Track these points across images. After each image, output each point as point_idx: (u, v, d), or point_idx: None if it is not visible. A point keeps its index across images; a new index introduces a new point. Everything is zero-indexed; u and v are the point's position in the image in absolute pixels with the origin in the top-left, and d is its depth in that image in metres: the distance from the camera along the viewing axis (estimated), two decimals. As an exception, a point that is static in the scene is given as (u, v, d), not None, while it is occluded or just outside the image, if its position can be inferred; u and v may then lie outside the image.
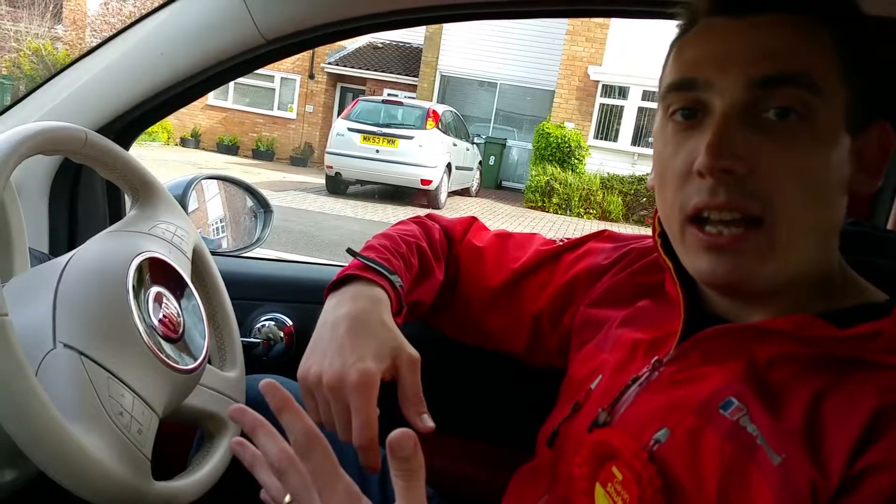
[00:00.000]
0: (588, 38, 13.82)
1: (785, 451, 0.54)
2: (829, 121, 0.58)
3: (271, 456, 0.53)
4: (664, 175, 0.64)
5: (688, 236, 0.62)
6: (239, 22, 0.97)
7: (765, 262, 0.59)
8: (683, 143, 0.61)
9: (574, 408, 0.72)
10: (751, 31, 0.59)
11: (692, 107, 0.61)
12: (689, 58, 0.62)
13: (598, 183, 12.48)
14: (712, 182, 0.58)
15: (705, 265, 0.60)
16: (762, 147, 0.57)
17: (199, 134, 17.28)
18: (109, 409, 0.64)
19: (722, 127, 0.57)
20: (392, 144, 10.72)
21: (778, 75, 0.57)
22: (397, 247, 0.89)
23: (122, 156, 0.82)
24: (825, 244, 0.62)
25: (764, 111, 0.58)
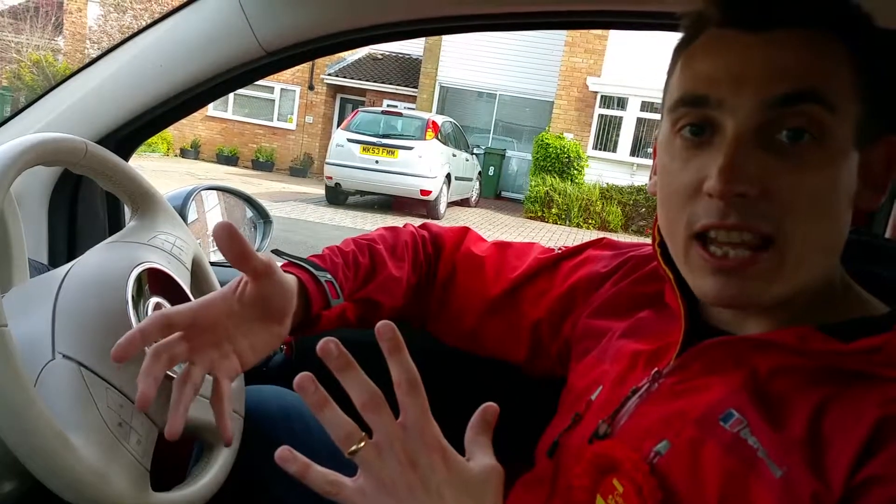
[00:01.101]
0: (587, 49, 13.87)
1: (786, 463, 0.54)
2: (841, 139, 0.57)
3: (365, 394, 0.52)
4: (670, 189, 0.63)
5: (692, 256, 0.61)
6: (238, 34, 0.97)
7: (773, 284, 0.58)
8: (691, 161, 0.60)
9: (574, 419, 0.72)
10: (766, 48, 0.57)
11: (701, 123, 0.60)
12: (700, 72, 0.61)
13: (598, 193, 12.50)
14: (722, 204, 0.57)
15: (711, 287, 0.60)
16: (774, 169, 0.56)
17: (198, 145, 17.31)
18: (108, 420, 0.64)
19: (734, 150, 0.56)
20: (392, 155, 10.74)
21: (793, 94, 0.56)
22: (343, 247, 0.90)
23: (122, 167, 0.83)
24: (830, 259, 0.62)
25: (777, 132, 0.57)
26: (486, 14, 1.02)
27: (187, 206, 1.14)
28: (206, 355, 0.69)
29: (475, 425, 0.56)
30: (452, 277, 0.98)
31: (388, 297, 0.92)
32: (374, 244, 0.92)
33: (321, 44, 0.99)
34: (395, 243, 0.95)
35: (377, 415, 0.51)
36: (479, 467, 0.54)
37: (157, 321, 0.65)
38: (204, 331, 0.68)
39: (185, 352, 0.67)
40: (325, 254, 0.88)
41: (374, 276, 0.91)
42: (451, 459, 0.53)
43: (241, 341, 0.72)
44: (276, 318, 0.75)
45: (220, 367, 0.70)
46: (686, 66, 0.63)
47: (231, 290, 0.72)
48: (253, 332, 0.73)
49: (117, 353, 0.62)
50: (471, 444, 0.55)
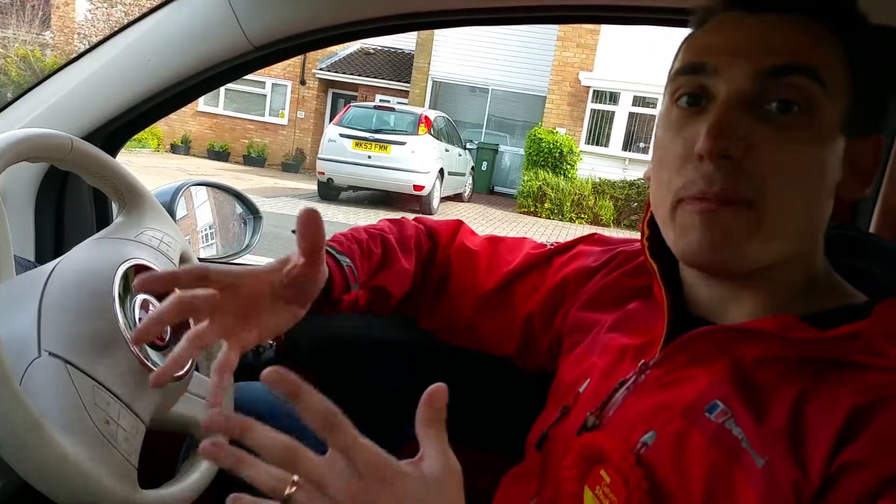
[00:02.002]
0: (579, 43, 13.87)
1: (769, 453, 0.54)
2: (829, 119, 0.59)
3: (275, 449, 0.47)
4: (663, 159, 0.64)
5: (679, 215, 0.62)
6: (226, 28, 0.96)
7: (750, 240, 0.59)
8: (685, 128, 0.62)
9: (563, 411, 0.73)
10: (764, 27, 0.60)
11: (697, 93, 0.62)
12: (699, 44, 0.64)
13: (590, 188, 12.52)
14: (710, 167, 0.58)
15: (694, 237, 0.60)
16: (760, 132, 0.58)
17: (189, 140, 17.23)
18: (95, 417, 0.64)
19: (724, 111, 0.58)
20: (384, 150, 10.72)
21: (785, 65, 0.58)
22: (357, 235, 0.90)
23: (109, 163, 0.82)
24: (809, 240, 0.63)
25: (767, 103, 0.58)
26: (475, 8, 1.02)
27: (176, 202, 1.14)
28: (225, 319, 0.66)
29: (423, 418, 0.51)
30: (447, 271, 0.99)
31: (398, 287, 0.94)
32: (384, 234, 0.94)
33: (309, 38, 0.98)
34: (402, 236, 0.96)
35: (296, 467, 0.47)
36: (430, 476, 0.49)
37: (196, 269, 0.64)
38: (237, 297, 0.67)
39: (207, 308, 0.65)
40: (340, 239, 0.88)
41: (387, 266, 0.92)
42: (394, 483, 0.48)
43: (268, 318, 0.71)
44: (302, 300, 0.74)
45: (236, 336, 0.68)
46: (688, 45, 0.66)
47: (279, 267, 0.71)
48: (279, 310, 0.72)
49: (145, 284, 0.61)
50: (422, 441, 0.51)
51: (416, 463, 0.50)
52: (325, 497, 0.47)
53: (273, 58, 1.01)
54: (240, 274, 0.68)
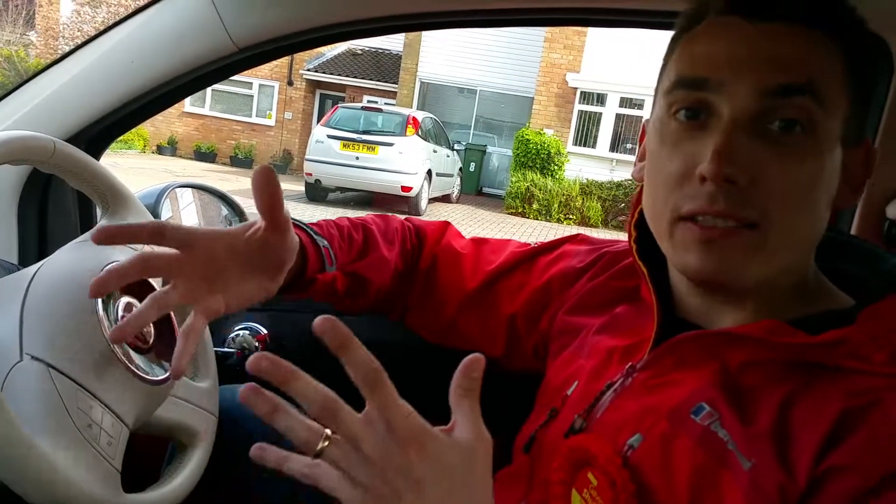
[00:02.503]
0: (566, 45, 13.91)
1: (754, 455, 0.55)
2: (829, 135, 0.59)
3: (317, 400, 0.47)
4: (658, 173, 0.63)
5: (678, 232, 0.61)
6: (210, 30, 0.96)
7: (752, 261, 0.59)
8: (683, 144, 0.61)
9: (551, 414, 0.73)
10: (767, 37, 0.59)
11: (697, 107, 0.61)
12: (700, 54, 0.61)
13: (578, 189, 12.56)
14: (713, 188, 0.58)
15: (695, 260, 0.60)
16: (765, 157, 0.57)
17: (175, 141, 17.12)
18: (78, 421, 0.63)
19: (730, 134, 0.57)
20: (372, 151, 10.71)
21: (791, 85, 0.57)
22: (339, 222, 0.91)
23: (92, 165, 0.81)
24: (806, 253, 0.63)
25: (770, 122, 0.58)
26: (460, 10, 1.02)
27: (160, 205, 1.13)
28: (189, 283, 0.65)
29: (458, 387, 0.51)
30: (432, 270, 0.99)
31: (378, 275, 0.93)
32: (367, 224, 0.94)
33: (294, 40, 0.98)
34: (386, 228, 0.96)
35: (335, 420, 0.47)
36: (462, 443, 0.50)
37: (150, 225, 0.64)
38: (198, 259, 0.66)
39: (166, 267, 0.64)
40: (322, 223, 0.88)
41: (367, 253, 0.92)
42: (427, 447, 0.48)
43: (233, 284, 0.69)
44: (271, 272, 0.73)
45: (201, 301, 0.66)
46: (686, 50, 0.63)
47: (241, 230, 0.69)
48: (248, 277, 0.70)
49: (100, 234, 0.61)
50: (455, 410, 0.51)
51: (447, 430, 0.51)
52: (359, 454, 0.47)
53: (258, 59, 1.01)
54: (198, 232, 0.66)
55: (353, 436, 0.47)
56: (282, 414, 0.48)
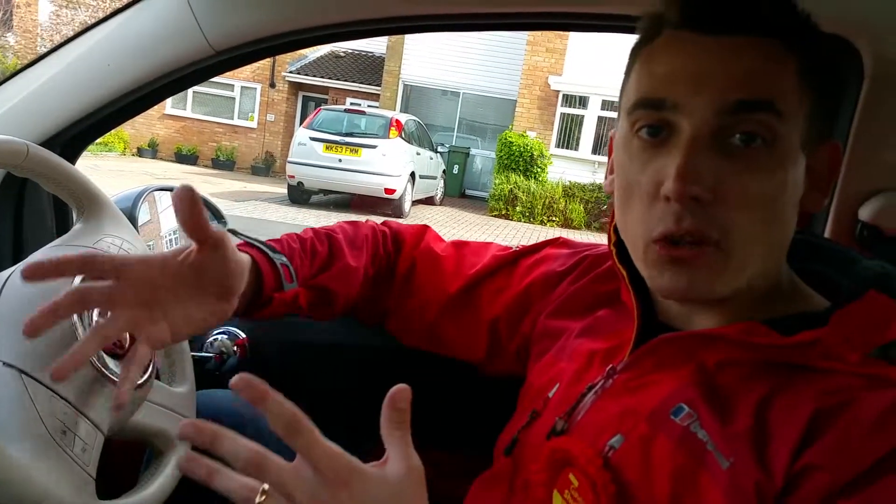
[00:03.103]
0: (548, 48, 13.98)
1: (733, 455, 0.55)
2: (790, 144, 0.59)
3: (243, 457, 0.48)
4: (630, 192, 0.64)
5: (650, 254, 0.62)
6: (187, 33, 0.95)
7: (718, 278, 0.60)
8: (650, 162, 0.61)
9: (532, 416, 0.73)
10: (723, 53, 0.59)
11: (658, 124, 0.61)
12: (657, 73, 0.62)
13: (561, 191, 12.62)
14: (678, 208, 0.58)
15: (667, 281, 0.61)
16: (727, 172, 0.58)
17: (156, 144, 16.99)
18: (51, 428, 0.63)
19: (691, 153, 0.58)
20: (355, 154, 10.68)
21: (749, 101, 0.58)
22: (302, 235, 0.90)
23: (66, 169, 0.81)
24: (776, 258, 0.64)
25: (730, 136, 0.58)
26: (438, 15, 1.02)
27: (137, 208, 1.12)
28: (128, 311, 0.63)
29: (386, 420, 0.52)
30: (412, 273, 0.98)
31: (344, 286, 0.92)
32: (333, 234, 0.93)
33: (271, 43, 0.97)
34: (354, 235, 0.95)
35: (263, 474, 0.48)
36: (390, 478, 0.51)
37: (79, 257, 0.61)
38: (133, 285, 0.64)
39: (102, 298, 0.63)
40: (283, 239, 0.87)
41: (331, 265, 0.90)
42: (355, 486, 0.49)
43: (175, 310, 0.67)
44: (221, 295, 0.71)
45: (143, 329, 0.65)
46: (644, 68, 0.64)
47: (174, 253, 0.68)
48: (191, 303, 0.69)
49: (27, 272, 0.59)
50: (386, 442, 0.52)
51: (380, 465, 0.51)
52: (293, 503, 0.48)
53: (235, 62, 1.00)
54: (128, 260, 0.65)
55: (284, 486, 0.48)
56: (218, 476, 0.48)
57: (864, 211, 0.93)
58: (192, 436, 0.49)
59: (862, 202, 0.93)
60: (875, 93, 0.90)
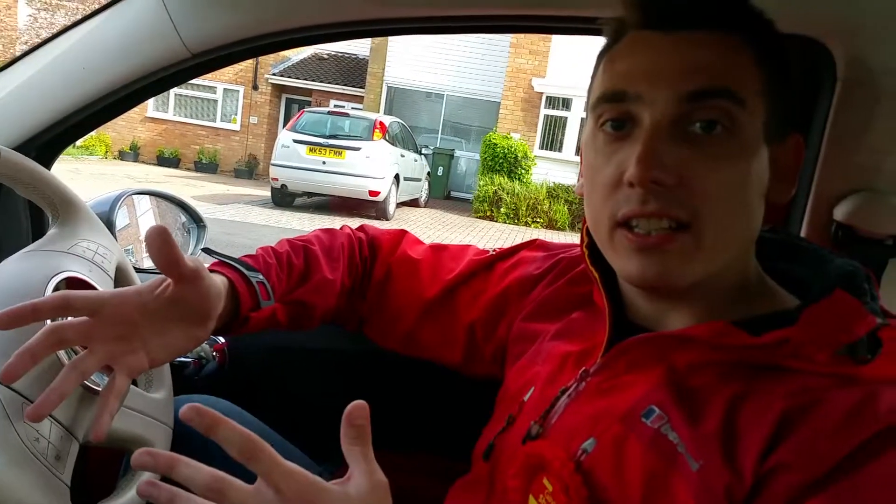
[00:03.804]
0: (531, 50, 14.03)
1: (703, 457, 0.56)
2: (752, 133, 0.60)
3: (202, 482, 0.49)
4: (594, 183, 0.65)
5: (617, 239, 0.63)
6: (163, 35, 0.95)
7: (690, 263, 0.60)
8: (613, 154, 0.62)
9: (508, 420, 0.73)
10: (680, 47, 0.61)
11: (622, 118, 0.62)
12: (619, 70, 0.64)
13: (545, 192, 12.66)
14: (642, 192, 0.59)
15: (635, 267, 0.62)
16: (689, 159, 0.59)
17: (138, 147, 16.84)
18: (24, 435, 0.62)
19: (651, 139, 0.59)
20: (339, 156, 10.65)
21: (706, 89, 0.59)
22: (278, 248, 0.89)
23: (40, 173, 0.80)
24: (744, 250, 0.65)
25: (690, 124, 0.60)
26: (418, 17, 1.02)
27: (115, 212, 1.11)
28: (105, 345, 0.64)
29: (345, 436, 0.52)
30: (387, 280, 0.98)
31: (321, 299, 0.92)
32: (309, 245, 0.92)
33: (249, 45, 0.97)
34: (331, 245, 0.95)
35: (224, 499, 0.48)
36: (357, 491, 0.51)
37: (54, 299, 0.62)
38: (110, 322, 0.65)
39: (79, 337, 0.63)
40: (259, 254, 0.87)
41: (308, 278, 0.90)
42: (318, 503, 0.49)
43: (153, 340, 0.69)
44: (197, 321, 0.72)
45: (121, 361, 0.66)
46: (607, 67, 0.66)
47: (149, 288, 0.69)
48: (168, 331, 0.70)
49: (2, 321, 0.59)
50: (348, 459, 0.53)
51: (343, 482, 0.52)
52: None
53: (213, 65, 1.00)
54: (104, 298, 0.66)
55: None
56: (180, 501, 0.48)
57: (839, 211, 0.94)
58: (147, 464, 0.50)
59: (837, 202, 0.94)
60: (847, 94, 0.91)
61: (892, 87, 0.89)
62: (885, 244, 0.91)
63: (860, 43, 0.90)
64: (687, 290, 0.63)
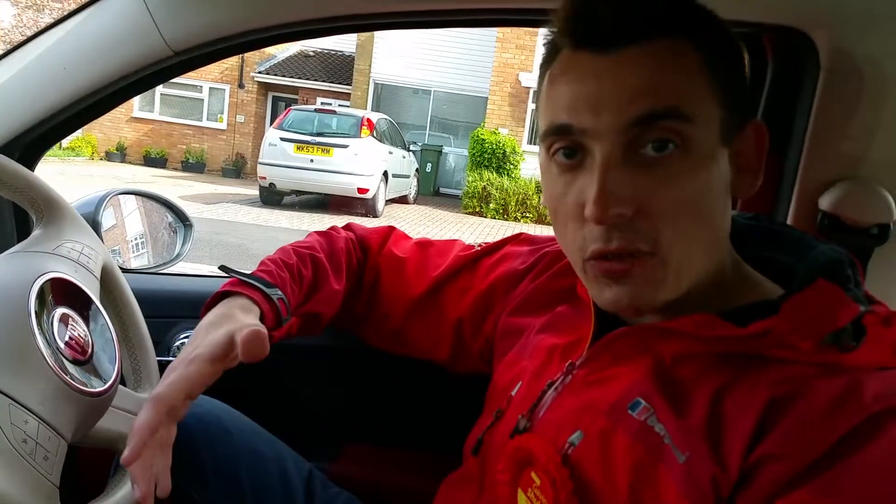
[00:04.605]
0: (518, 45, 14.02)
1: (689, 448, 0.56)
2: (706, 144, 0.59)
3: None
4: (557, 214, 0.64)
5: (588, 270, 0.62)
6: (144, 33, 0.94)
7: (659, 289, 0.60)
8: (570, 184, 0.62)
9: (497, 415, 0.73)
10: (618, 71, 0.58)
11: (573, 147, 0.61)
12: (560, 102, 0.61)
13: (534, 187, 12.66)
14: (603, 229, 0.59)
15: (609, 295, 0.61)
16: (646, 186, 0.58)
17: (124, 147, 16.72)
18: (11, 437, 0.61)
19: (605, 175, 0.57)
20: (327, 154, 10.62)
21: (651, 112, 0.57)
22: (286, 259, 0.88)
23: (23, 174, 0.79)
24: (715, 254, 0.64)
25: (642, 147, 0.58)
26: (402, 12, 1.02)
27: (100, 212, 1.10)
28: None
29: None
30: (377, 280, 0.98)
31: (329, 308, 0.93)
32: (314, 254, 0.92)
33: (232, 42, 0.96)
34: (331, 251, 0.95)
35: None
36: None
37: (156, 417, 0.68)
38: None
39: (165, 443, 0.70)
40: (271, 269, 0.85)
41: (318, 289, 0.90)
42: None
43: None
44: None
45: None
46: (549, 94, 0.63)
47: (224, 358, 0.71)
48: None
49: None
50: None
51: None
52: None
53: (196, 62, 0.99)
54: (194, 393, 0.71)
55: None
56: None
57: (825, 200, 0.94)
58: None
59: (822, 192, 0.95)
60: (831, 84, 0.92)
61: (876, 76, 0.90)
62: (870, 233, 0.91)
63: (843, 33, 0.90)
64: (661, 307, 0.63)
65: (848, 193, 0.92)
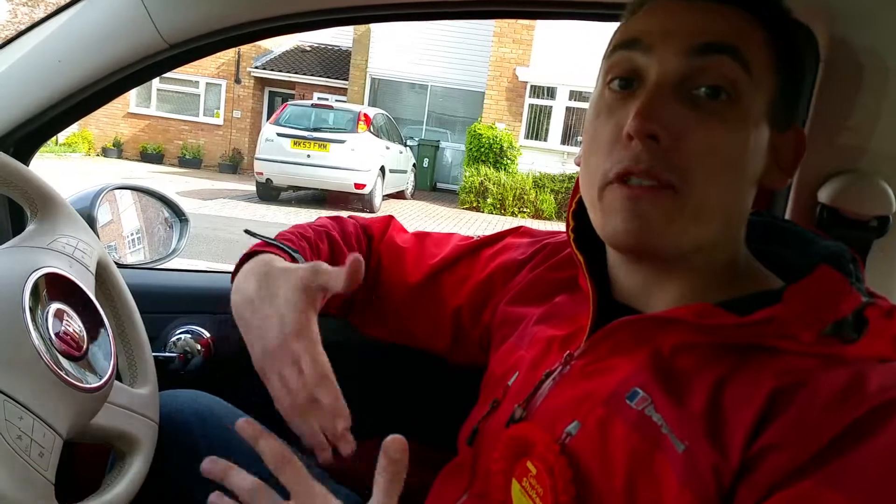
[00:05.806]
0: (515, 39, 14.00)
1: (688, 438, 0.56)
2: (755, 107, 0.61)
3: (246, 487, 0.60)
4: (593, 141, 0.65)
5: (606, 195, 0.63)
6: (139, 27, 0.93)
7: (671, 224, 0.60)
8: (616, 112, 0.63)
9: (493, 405, 0.73)
10: (694, 12, 0.62)
11: (629, 76, 0.63)
12: (634, 26, 0.65)
13: (531, 182, 12.67)
14: (638, 147, 0.59)
15: (620, 222, 0.61)
16: (689, 120, 0.59)
17: (121, 143, 16.68)
18: (6, 433, 0.61)
19: (654, 94, 0.60)
20: (323, 149, 10.60)
21: (714, 43, 0.60)
22: (304, 232, 0.90)
23: (17, 169, 0.79)
24: (730, 227, 0.65)
25: (696, 87, 0.60)
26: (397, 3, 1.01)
27: (95, 207, 1.10)
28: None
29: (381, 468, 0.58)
30: (379, 267, 0.98)
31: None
32: (329, 231, 0.93)
33: (227, 35, 0.95)
34: (344, 233, 0.95)
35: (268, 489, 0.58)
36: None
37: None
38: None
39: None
40: (293, 237, 0.87)
41: (334, 264, 0.90)
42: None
43: None
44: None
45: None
46: (624, 27, 0.67)
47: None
48: None
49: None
50: (374, 484, 0.58)
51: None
52: None
53: (190, 56, 0.98)
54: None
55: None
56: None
57: (824, 193, 0.94)
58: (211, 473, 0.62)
59: (821, 184, 0.94)
60: (831, 76, 0.91)
61: (875, 67, 0.89)
62: (869, 225, 0.91)
63: (843, 24, 0.89)
64: (669, 260, 0.63)
65: (847, 186, 0.92)
